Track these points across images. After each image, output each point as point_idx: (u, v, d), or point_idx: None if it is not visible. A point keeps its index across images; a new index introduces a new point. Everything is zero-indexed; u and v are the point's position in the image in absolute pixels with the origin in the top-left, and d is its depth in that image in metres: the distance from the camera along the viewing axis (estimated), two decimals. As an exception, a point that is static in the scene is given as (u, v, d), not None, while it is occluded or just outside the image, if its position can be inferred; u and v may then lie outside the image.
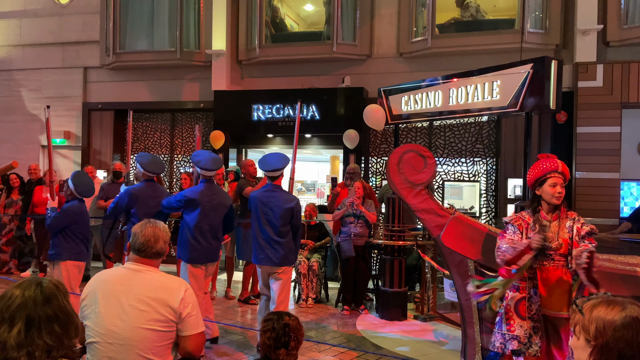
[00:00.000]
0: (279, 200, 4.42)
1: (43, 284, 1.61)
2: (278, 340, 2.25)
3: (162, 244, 2.32)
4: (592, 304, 1.36)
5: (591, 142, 6.82)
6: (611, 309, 1.31)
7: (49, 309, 1.56)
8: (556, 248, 2.91)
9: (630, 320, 1.27)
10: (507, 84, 5.03)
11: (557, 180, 2.94)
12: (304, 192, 12.08)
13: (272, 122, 8.10)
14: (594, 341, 1.30)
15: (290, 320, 2.31)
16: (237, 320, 5.73)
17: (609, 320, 1.29)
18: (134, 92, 9.09)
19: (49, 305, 1.57)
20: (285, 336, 2.25)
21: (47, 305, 1.57)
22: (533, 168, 3.05)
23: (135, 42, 8.93)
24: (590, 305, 1.36)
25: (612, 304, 1.33)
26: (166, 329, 2.15)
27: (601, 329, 1.29)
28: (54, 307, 1.58)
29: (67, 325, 1.59)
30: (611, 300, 1.34)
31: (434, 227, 3.69)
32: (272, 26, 8.48)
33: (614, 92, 6.76)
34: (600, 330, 1.29)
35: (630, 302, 1.34)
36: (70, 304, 1.65)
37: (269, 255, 4.37)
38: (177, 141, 9.25)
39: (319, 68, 8.20)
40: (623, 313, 1.29)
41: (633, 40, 6.80)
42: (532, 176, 3.03)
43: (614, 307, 1.31)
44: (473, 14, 7.61)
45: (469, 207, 7.69)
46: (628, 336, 1.26)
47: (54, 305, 1.58)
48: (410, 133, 8.00)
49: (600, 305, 1.34)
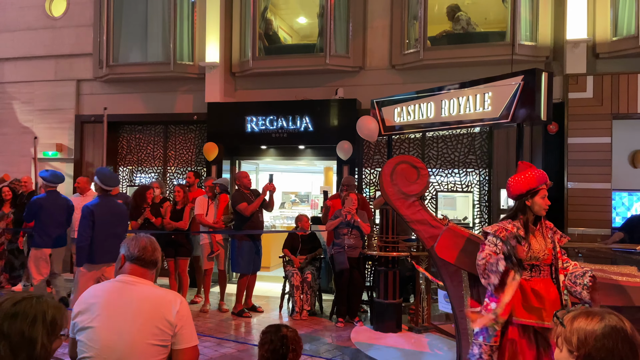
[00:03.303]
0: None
1: (33, 301, 1.54)
2: (276, 352, 2.22)
3: (158, 254, 2.32)
4: (572, 315, 1.41)
5: (582, 153, 6.89)
6: (591, 320, 1.36)
7: (7, 325, 1.46)
8: (542, 258, 2.92)
9: (610, 330, 1.32)
10: (498, 96, 5.08)
11: (545, 191, 2.96)
12: (297, 203, 12.07)
13: (266, 134, 8.11)
14: (576, 352, 1.35)
15: (288, 332, 2.29)
16: (230, 333, 5.68)
17: (589, 331, 1.33)
18: (127, 104, 9.08)
19: (10, 321, 1.47)
20: (283, 348, 2.23)
21: (9, 320, 1.47)
22: (524, 177, 2.98)
23: (128, 55, 8.94)
24: (570, 317, 1.41)
25: (591, 314, 1.37)
26: (162, 343, 2.13)
27: (583, 340, 1.33)
28: (14, 327, 1.46)
29: (17, 351, 1.46)
30: (590, 311, 1.39)
31: (428, 238, 3.69)
32: (266, 38, 8.53)
33: (604, 103, 6.84)
34: (582, 341, 1.33)
35: (608, 311, 1.39)
36: (50, 334, 1.51)
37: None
38: (170, 153, 9.24)
39: (312, 80, 8.24)
40: (602, 323, 1.34)
41: (622, 51, 6.90)
42: (524, 186, 2.96)
43: (593, 317, 1.36)
44: (464, 27, 7.70)
45: (463, 218, 7.72)
46: (609, 345, 1.31)
47: (15, 325, 1.46)
48: (403, 144, 8.04)
49: (580, 317, 1.38)
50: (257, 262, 6.53)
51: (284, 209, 11.56)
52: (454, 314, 3.69)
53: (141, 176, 9.38)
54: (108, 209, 5.19)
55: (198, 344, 2.24)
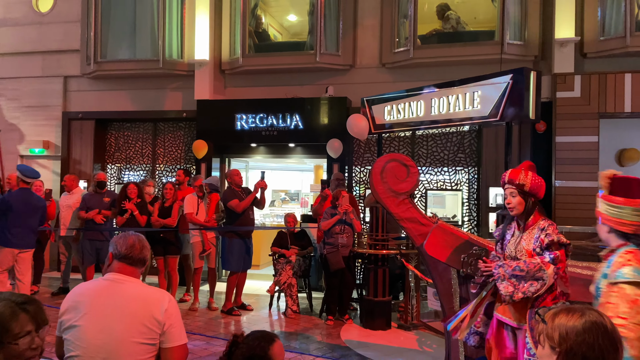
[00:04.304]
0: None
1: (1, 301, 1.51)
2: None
3: (146, 252, 2.30)
4: (553, 312, 1.44)
5: (570, 152, 6.96)
6: (572, 316, 1.39)
7: None
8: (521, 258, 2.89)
9: (590, 325, 1.35)
10: (487, 94, 5.11)
11: (509, 190, 2.95)
12: (287, 201, 12.06)
13: (256, 132, 8.08)
14: (558, 347, 1.37)
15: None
16: (220, 332, 5.66)
17: (570, 326, 1.36)
18: (115, 101, 9.00)
19: None
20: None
21: None
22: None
23: (116, 51, 8.85)
24: (551, 314, 1.44)
25: (572, 311, 1.41)
26: (150, 342, 2.11)
27: (564, 335, 1.36)
28: None
29: None
30: (570, 308, 1.43)
31: (417, 236, 3.70)
32: (256, 36, 8.50)
33: (591, 102, 6.91)
34: (564, 337, 1.36)
35: (588, 308, 1.43)
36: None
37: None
38: (159, 151, 9.17)
39: (303, 78, 8.23)
40: (583, 318, 1.37)
41: (609, 51, 6.98)
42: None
43: (573, 313, 1.39)
44: (454, 26, 7.73)
45: (452, 216, 7.76)
46: (590, 340, 1.34)
47: None
48: (393, 142, 8.06)
49: (561, 313, 1.41)
50: (247, 260, 6.51)
51: (274, 207, 11.54)
52: (443, 312, 3.71)
53: (129, 174, 9.30)
54: (25, 200, 5.75)
55: (187, 342, 2.22)
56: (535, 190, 2.92)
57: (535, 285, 2.73)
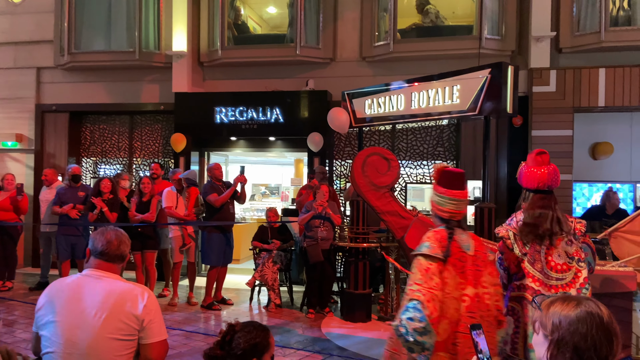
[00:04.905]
0: None
1: None
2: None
3: (125, 247, 2.26)
4: (550, 300, 1.41)
5: (545, 145, 7.05)
6: (567, 305, 1.36)
7: None
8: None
9: (585, 315, 1.32)
10: (466, 89, 5.16)
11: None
12: (268, 195, 12.01)
13: (236, 125, 8.01)
14: (550, 336, 1.35)
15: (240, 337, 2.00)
16: (200, 326, 5.62)
17: (564, 315, 1.34)
18: (90, 93, 8.81)
19: None
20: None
21: None
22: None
23: (91, 42, 8.65)
24: (548, 302, 1.41)
25: (568, 300, 1.38)
26: (128, 338, 2.09)
27: (557, 324, 1.34)
28: None
29: None
30: (567, 297, 1.40)
31: (398, 229, 3.73)
32: (235, 28, 8.40)
33: (566, 97, 7.04)
34: (557, 325, 1.34)
35: (586, 298, 1.40)
36: None
37: None
38: (136, 144, 9.02)
39: (283, 71, 8.18)
40: (578, 308, 1.33)
41: (584, 47, 7.11)
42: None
43: (569, 302, 1.36)
44: (433, 20, 7.77)
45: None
46: (583, 330, 1.30)
47: None
48: (374, 136, 8.09)
49: (557, 302, 1.39)
50: (228, 254, 6.47)
51: (254, 201, 11.49)
52: (423, 303, 3.75)
53: (105, 168, 9.13)
54: None
55: (167, 337, 2.20)
56: (519, 180, 2.98)
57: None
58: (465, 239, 2.45)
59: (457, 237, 2.43)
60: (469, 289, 2.35)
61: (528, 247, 2.78)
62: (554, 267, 2.73)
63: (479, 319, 2.30)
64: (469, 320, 2.26)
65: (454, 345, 2.29)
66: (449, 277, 2.32)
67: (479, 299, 2.36)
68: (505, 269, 2.83)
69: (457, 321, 2.29)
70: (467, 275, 2.37)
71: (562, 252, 2.74)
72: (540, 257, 2.74)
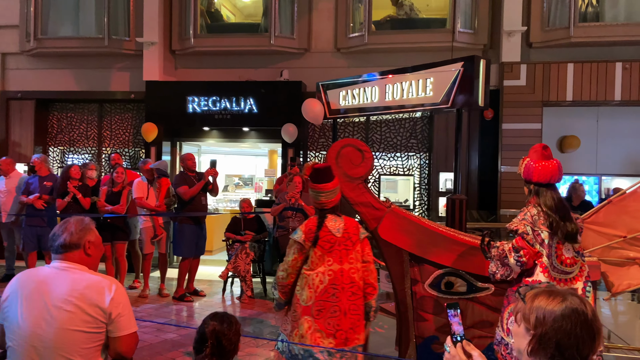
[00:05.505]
0: None
1: None
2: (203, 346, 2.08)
3: (68, 235, 2.14)
4: (534, 293, 1.38)
5: (515, 138, 7.23)
6: (552, 300, 1.33)
7: None
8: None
9: (570, 312, 1.29)
10: (439, 82, 5.20)
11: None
12: (241, 186, 11.92)
13: (209, 115, 7.90)
14: (533, 330, 1.33)
15: (216, 325, 2.10)
16: (171, 318, 5.56)
17: (549, 311, 1.31)
18: (57, 80, 8.54)
19: None
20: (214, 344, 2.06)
21: None
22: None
23: (58, 28, 8.38)
24: (532, 294, 1.38)
25: (553, 294, 1.35)
26: (95, 330, 2.05)
27: (541, 319, 1.31)
28: None
29: None
30: (552, 291, 1.37)
31: (371, 220, 3.75)
32: (208, 16, 8.26)
33: (535, 91, 7.19)
34: (540, 320, 1.31)
35: (571, 292, 1.37)
36: None
37: None
38: (105, 133, 8.81)
39: (257, 61, 8.09)
40: (563, 304, 1.31)
41: (554, 42, 7.27)
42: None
43: (554, 297, 1.33)
44: (407, 12, 7.81)
45: (404, 200, 7.93)
46: (567, 327, 1.28)
47: None
48: (348, 128, 8.10)
49: (541, 295, 1.36)
50: (200, 246, 6.40)
51: (227, 192, 11.39)
52: (395, 293, 3.79)
53: (73, 157, 8.90)
54: None
55: (137, 330, 2.17)
56: (528, 176, 2.90)
57: (506, 270, 2.79)
58: (335, 224, 2.92)
59: (328, 223, 2.91)
60: (334, 265, 2.86)
61: (547, 241, 2.73)
62: (564, 261, 2.74)
63: (341, 290, 2.82)
64: (332, 291, 2.81)
65: (319, 311, 2.81)
66: (316, 256, 2.86)
67: (342, 274, 2.85)
68: (523, 264, 2.72)
69: (322, 291, 2.82)
70: (334, 254, 2.87)
71: (569, 247, 2.76)
72: (552, 251, 2.75)
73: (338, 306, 2.82)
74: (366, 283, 2.93)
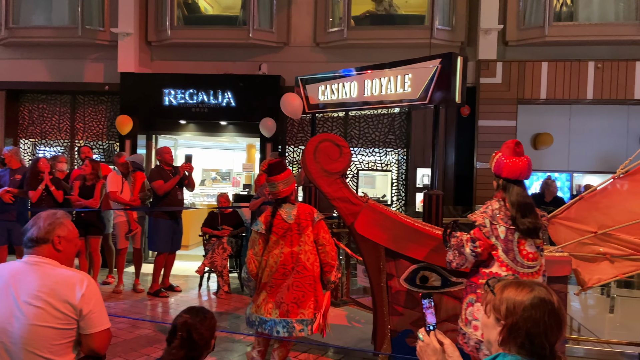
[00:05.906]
0: None
1: None
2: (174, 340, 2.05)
3: (36, 229, 2.09)
4: (502, 284, 1.44)
5: (490, 135, 7.34)
6: (520, 290, 1.38)
7: None
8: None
9: (538, 301, 1.35)
10: (417, 78, 5.23)
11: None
12: (218, 180, 11.81)
13: (185, 108, 7.80)
14: (504, 320, 1.37)
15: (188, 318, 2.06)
16: (146, 314, 5.49)
17: (518, 301, 1.36)
18: (29, 70, 8.30)
19: None
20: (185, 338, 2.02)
21: None
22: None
23: (30, 17, 8.13)
24: (501, 286, 1.44)
25: (521, 285, 1.41)
26: (65, 327, 2.00)
27: (511, 309, 1.36)
28: None
29: None
30: (520, 282, 1.43)
31: (348, 215, 3.76)
32: (185, 7, 8.13)
33: (511, 88, 7.31)
34: (511, 310, 1.36)
35: (537, 283, 1.44)
36: None
37: None
38: (78, 125, 8.61)
39: (235, 54, 8.01)
40: (531, 294, 1.37)
41: (529, 40, 7.38)
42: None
43: (523, 288, 1.39)
44: (386, 8, 7.83)
45: (381, 196, 7.98)
46: (536, 316, 1.34)
47: None
48: (327, 123, 8.10)
49: (510, 287, 1.41)
50: (176, 241, 6.32)
51: (204, 187, 11.27)
52: (372, 288, 3.82)
53: (45, 150, 8.68)
54: None
55: (110, 326, 2.13)
56: (498, 170, 2.98)
57: (462, 259, 2.88)
58: (288, 212, 3.43)
59: (281, 211, 3.43)
60: (285, 248, 3.39)
61: (503, 236, 2.78)
62: (525, 256, 2.80)
63: (290, 270, 3.37)
64: (282, 270, 3.37)
65: (271, 287, 3.41)
66: (272, 241, 3.41)
67: (292, 255, 3.38)
68: (477, 254, 2.81)
69: (274, 271, 3.39)
70: (287, 238, 3.39)
71: (531, 242, 2.81)
72: (513, 246, 2.79)
73: (286, 283, 3.37)
74: (323, 262, 3.49)
